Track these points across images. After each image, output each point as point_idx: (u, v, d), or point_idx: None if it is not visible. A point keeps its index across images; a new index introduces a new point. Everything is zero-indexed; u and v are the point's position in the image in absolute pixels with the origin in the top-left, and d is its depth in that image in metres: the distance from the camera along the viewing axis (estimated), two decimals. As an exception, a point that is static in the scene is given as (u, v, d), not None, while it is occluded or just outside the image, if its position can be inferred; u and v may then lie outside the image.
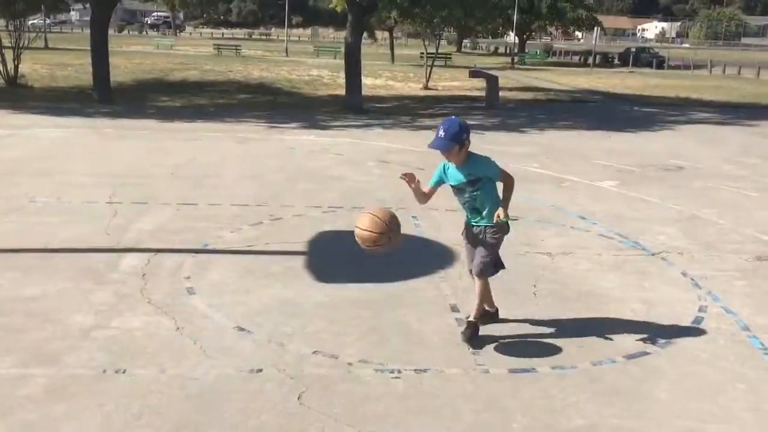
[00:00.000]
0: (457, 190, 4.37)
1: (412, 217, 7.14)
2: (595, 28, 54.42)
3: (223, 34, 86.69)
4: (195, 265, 5.66)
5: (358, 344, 4.38)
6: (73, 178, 8.54)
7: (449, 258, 6.03)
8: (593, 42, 54.30)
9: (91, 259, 5.72)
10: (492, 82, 20.13)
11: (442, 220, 7.10)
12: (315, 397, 3.73)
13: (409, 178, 4.23)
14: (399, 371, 4.06)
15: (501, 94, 21.59)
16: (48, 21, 52.68)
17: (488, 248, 4.36)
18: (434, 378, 4.00)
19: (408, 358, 4.23)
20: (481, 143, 12.94)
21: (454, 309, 4.99)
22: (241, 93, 22.05)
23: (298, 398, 3.71)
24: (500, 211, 4.19)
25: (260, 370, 3.99)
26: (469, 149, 4.27)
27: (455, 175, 4.32)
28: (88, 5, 24.67)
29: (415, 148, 11.61)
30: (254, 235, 6.58)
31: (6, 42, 20.66)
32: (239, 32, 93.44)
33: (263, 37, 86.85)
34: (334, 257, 6.08)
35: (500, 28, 61.61)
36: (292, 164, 10.14)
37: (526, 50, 57.23)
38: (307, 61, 40.54)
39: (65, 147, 10.87)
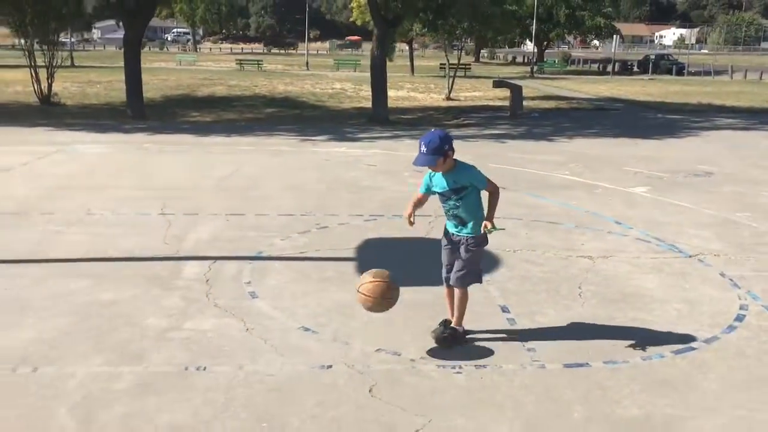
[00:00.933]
0: (442, 197, 4.48)
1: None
2: (614, 36, 54.53)
3: (242, 48, 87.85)
4: (253, 271, 5.96)
5: (417, 342, 4.63)
6: (124, 192, 8.91)
7: (493, 263, 6.26)
8: (612, 50, 54.37)
9: (154, 267, 6.04)
10: (516, 91, 20.38)
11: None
12: (384, 390, 3.99)
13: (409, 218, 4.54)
14: (460, 367, 4.31)
15: (524, 103, 21.83)
16: (73, 39, 53.82)
17: (468, 260, 4.50)
18: (493, 373, 4.25)
19: (466, 355, 4.48)
20: (509, 152, 13.23)
21: (504, 310, 5.24)
22: (267, 107, 22.49)
23: (369, 391, 3.97)
24: (487, 222, 4.34)
25: (330, 366, 4.26)
26: (454, 158, 4.36)
27: (440, 183, 4.42)
28: (109, 22, 25.28)
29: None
30: (304, 243, 6.87)
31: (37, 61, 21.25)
32: (258, 47, 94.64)
33: (282, 51, 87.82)
34: (382, 262, 6.25)
35: (517, 38, 62.01)
36: (329, 175, 10.45)
37: (545, 59, 57.42)
38: (328, 75, 41.10)
39: (110, 162, 11.28)
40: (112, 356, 4.33)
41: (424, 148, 4.28)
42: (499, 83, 23.16)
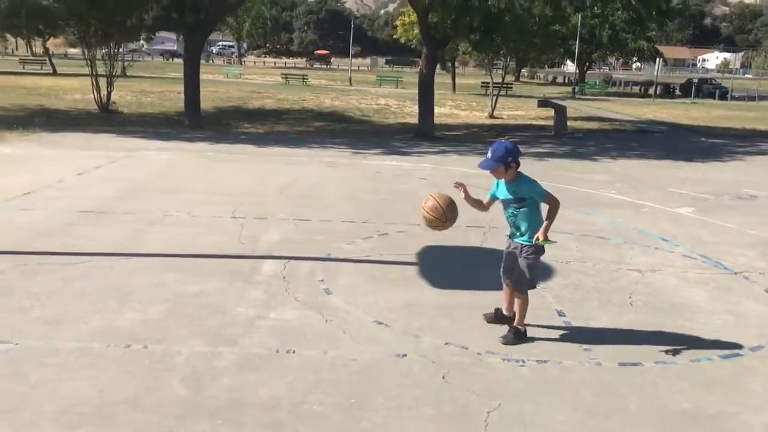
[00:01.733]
0: (504, 204, 4.99)
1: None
2: (657, 59, 54.39)
3: (285, 63, 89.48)
4: (325, 270, 6.47)
5: (482, 339, 5.06)
6: (195, 196, 9.50)
7: (548, 272, 6.67)
8: (655, 73, 54.23)
9: (234, 263, 6.58)
10: (560, 111, 20.74)
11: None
12: (456, 377, 4.43)
13: (460, 187, 4.88)
14: (523, 361, 4.73)
15: (567, 123, 22.14)
16: (123, 50, 55.50)
17: (525, 267, 4.94)
18: (554, 368, 4.66)
19: (528, 351, 4.89)
20: (555, 170, 13.59)
21: (560, 314, 5.64)
22: (316, 121, 23.16)
23: (443, 378, 4.42)
24: (540, 233, 4.78)
25: (404, 355, 4.72)
26: (518, 170, 4.85)
27: (503, 191, 4.92)
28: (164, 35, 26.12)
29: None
30: (368, 247, 7.36)
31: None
32: (300, 61, 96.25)
33: (324, 66, 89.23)
34: (442, 267, 6.80)
35: (558, 58, 62.18)
36: (383, 186, 10.95)
37: (586, 80, 57.47)
38: (371, 90, 41.82)
39: (177, 168, 11.95)
40: (209, 339, 4.85)
41: (490, 154, 4.83)
42: (544, 103, 23.55)
